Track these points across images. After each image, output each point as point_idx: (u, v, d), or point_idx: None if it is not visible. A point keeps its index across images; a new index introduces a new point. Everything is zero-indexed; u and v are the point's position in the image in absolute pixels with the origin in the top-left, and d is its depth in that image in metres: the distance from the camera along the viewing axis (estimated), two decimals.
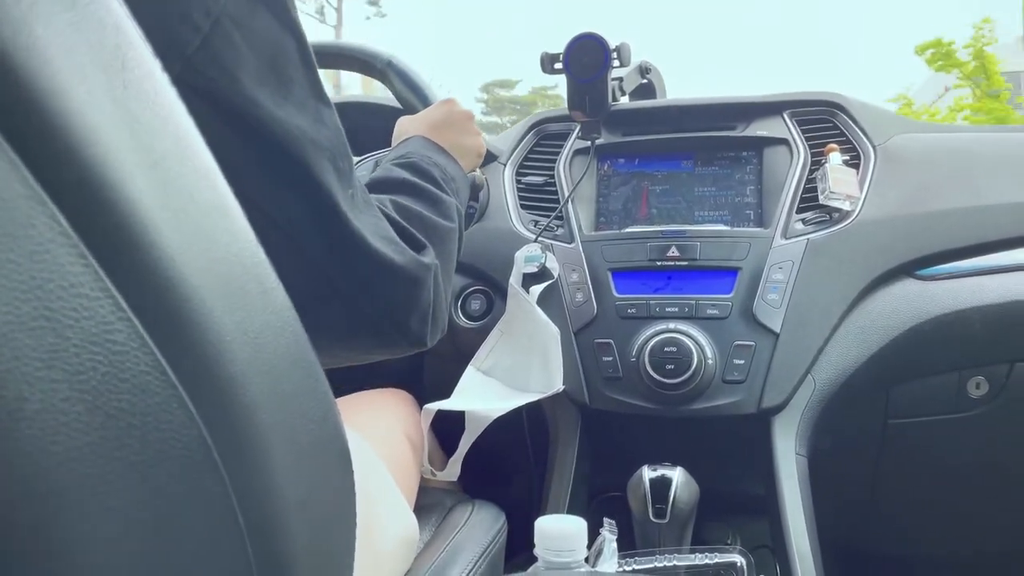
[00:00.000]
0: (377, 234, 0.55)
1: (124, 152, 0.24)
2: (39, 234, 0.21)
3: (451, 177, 0.73)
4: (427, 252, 0.60)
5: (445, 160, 0.75)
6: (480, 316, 1.12)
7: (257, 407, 0.29)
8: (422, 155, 0.72)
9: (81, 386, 0.22)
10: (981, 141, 1.11)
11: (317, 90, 0.52)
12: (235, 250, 0.30)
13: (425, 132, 0.78)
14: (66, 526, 0.23)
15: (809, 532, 0.90)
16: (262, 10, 0.47)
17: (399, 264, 0.56)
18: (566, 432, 1.03)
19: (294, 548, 0.32)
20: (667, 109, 1.20)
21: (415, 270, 0.57)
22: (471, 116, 0.85)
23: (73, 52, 0.23)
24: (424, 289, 0.58)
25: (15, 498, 0.21)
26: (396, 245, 0.57)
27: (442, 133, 0.79)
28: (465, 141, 0.82)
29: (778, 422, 0.96)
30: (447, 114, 0.82)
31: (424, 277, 0.58)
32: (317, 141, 0.50)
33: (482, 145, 0.86)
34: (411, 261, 0.57)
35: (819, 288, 0.98)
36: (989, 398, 1.06)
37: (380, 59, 1.00)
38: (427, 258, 0.59)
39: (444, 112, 0.83)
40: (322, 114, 0.52)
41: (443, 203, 0.67)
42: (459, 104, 0.85)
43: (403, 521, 0.74)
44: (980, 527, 1.19)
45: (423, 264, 0.58)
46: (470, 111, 0.85)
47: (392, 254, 0.55)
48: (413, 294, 0.58)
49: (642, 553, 0.84)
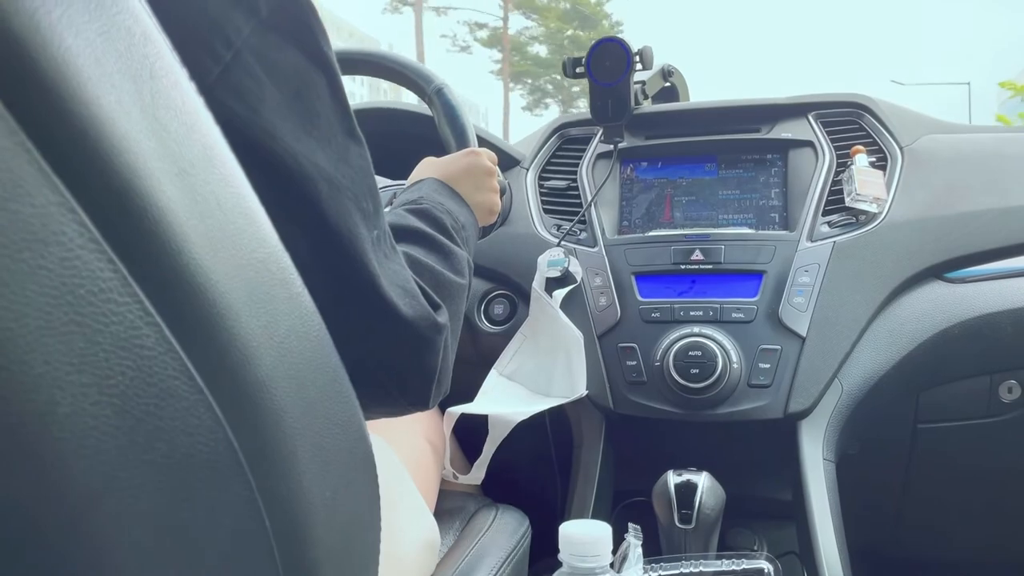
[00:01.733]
0: (395, 283, 0.52)
1: (152, 160, 0.25)
2: (69, 241, 0.22)
3: (462, 225, 0.71)
4: (442, 312, 0.57)
5: (458, 207, 0.73)
6: (503, 321, 1.12)
7: (283, 411, 0.29)
8: (435, 201, 0.70)
9: (110, 390, 0.23)
10: (1010, 142, 1.10)
11: (347, 127, 0.50)
12: (261, 256, 0.30)
13: (442, 178, 0.77)
14: (95, 528, 0.23)
15: (837, 538, 0.89)
16: (290, 45, 0.47)
17: (408, 318, 0.52)
18: (590, 437, 1.03)
19: (320, 552, 0.32)
20: (690, 112, 1.19)
21: (425, 328, 0.54)
22: (492, 172, 0.83)
23: (102, 61, 0.24)
24: (433, 350, 0.55)
25: (46, 500, 0.22)
26: (412, 298, 0.54)
27: (459, 183, 0.77)
28: (480, 197, 0.80)
29: (805, 427, 0.95)
30: (469, 166, 0.80)
31: (435, 339, 0.55)
32: (335, 179, 0.48)
33: (497, 204, 0.84)
34: (423, 317, 0.54)
35: (846, 291, 0.97)
36: (1022, 403, 1.04)
37: (432, 84, 1.00)
38: (442, 318, 0.56)
39: (467, 163, 0.81)
40: (349, 152, 0.50)
41: (454, 256, 0.65)
42: (484, 158, 0.82)
43: (424, 525, 0.75)
44: (1012, 533, 1.16)
45: (436, 324, 0.55)
46: (493, 168, 0.83)
47: (403, 306, 0.52)
48: (421, 353, 0.54)
49: (668, 559, 0.83)
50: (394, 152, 1.00)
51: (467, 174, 0.80)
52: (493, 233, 1.07)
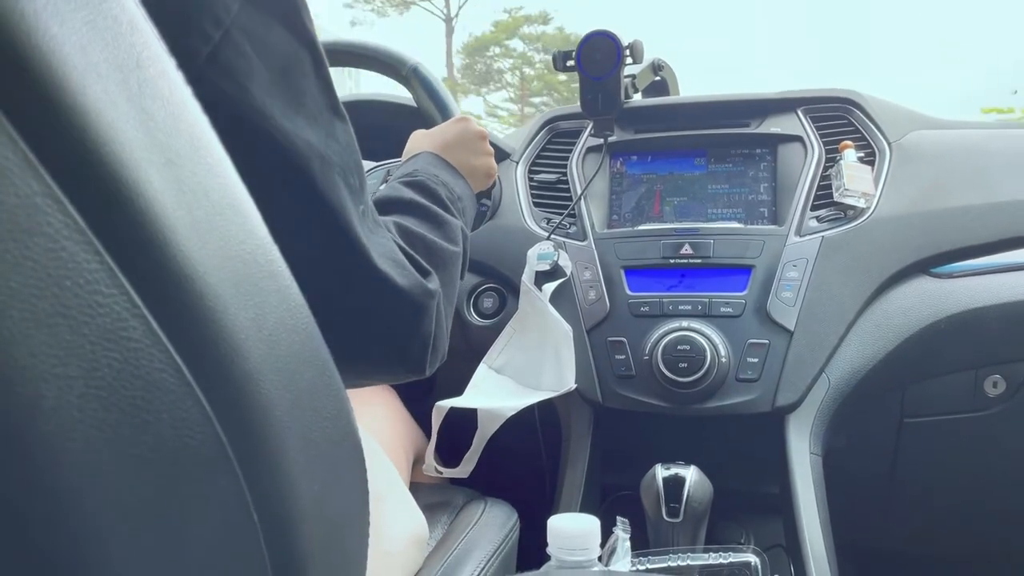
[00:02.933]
0: (384, 255, 0.54)
1: (139, 150, 0.24)
2: (55, 231, 0.21)
3: (458, 196, 0.72)
4: (432, 278, 0.59)
5: (453, 179, 0.74)
6: (492, 314, 1.12)
7: (271, 404, 0.29)
8: (430, 173, 0.71)
9: (96, 383, 0.22)
10: (997, 138, 1.10)
11: (332, 104, 0.51)
12: (249, 247, 0.30)
13: (436, 149, 0.77)
14: (81, 522, 0.23)
15: (824, 531, 0.89)
16: (276, 23, 0.47)
17: (403, 287, 0.54)
18: (579, 430, 1.03)
19: (309, 546, 0.32)
20: (680, 106, 1.19)
21: (419, 296, 0.56)
22: (484, 136, 0.84)
23: (89, 51, 0.23)
24: (427, 316, 0.57)
25: (31, 493, 0.21)
26: (402, 268, 0.55)
27: (453, 151, 0.78)
28: (476, 161, 0.81)
29: (792, 421, 0.95)
30: (460, 132, 0.81)
31: (428, 304, 0.57)
32: (326, 156, 0.49)
33: (493, 166, 0.85)
34: (416, 285, 0.56)
35: (834, 286, 0.98)
36: (1007, 396, 1.05)
37: (406, 64, 1.00)
38: (432, 284, 0.58)
39: (457, 130, 0.82)
40: (335, 128, 0.51)
41: (448, 225, 0.66)
42: (474, 123, 0.83)
43: (412, 519, 0.75)
44: (997, 526, 1.18)
45: (428, 290, 0.57)
46: (484, 131, 0.84)
47: (397, 277, 0.54)
48: (415, 320, 0.56)
49: (655, 552, 0.83)
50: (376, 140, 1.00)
51: (460, 141, 0.80)
52: (483, 226, 1.06)
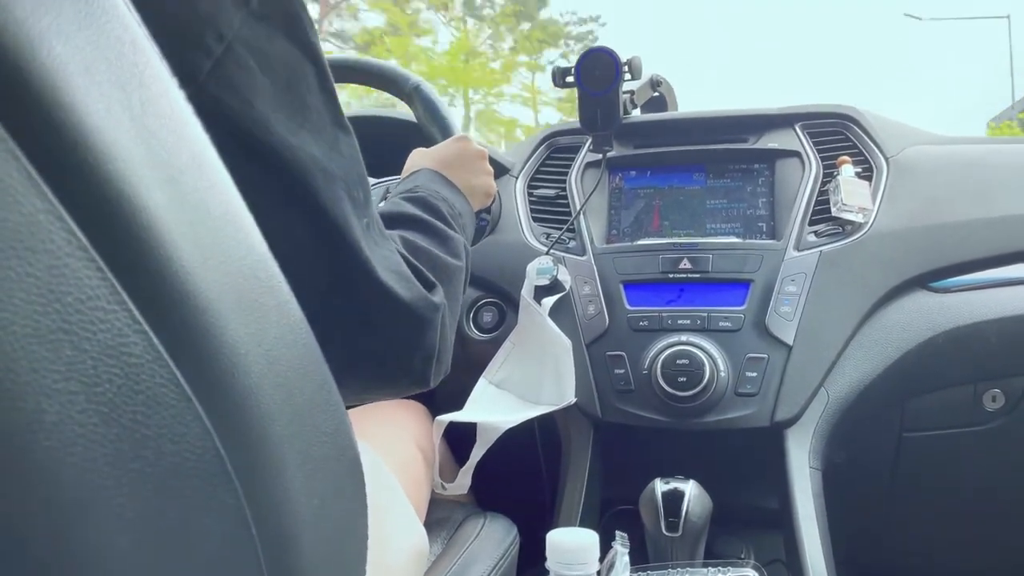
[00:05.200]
0: (388, 268, 0.54)
1: (141, 168, 0.25)
2: (57, 248, 0.22)
3: (459, 213, 0.72)
4: (437, 291, 0.58)
5: (453, 195, 0.74)
6: (492, 328, 1.12)
7: (271, 419, 0.29)
8: (431, 189, 0.71)
9: (97, 398, 0.23)
10: (994, 152, 1.11)
11: (335, 116, 0.51)
12: (249, 263, 0.30)
13: (436, 167, 0.78)
14: (82, 536, 0.23)
15: (823, 546, 0.89)
16: (279, 35, 0.46)
17: (407, 300, 0.54)
18: (578, 445, 1.03)
19: (307, 561, 0.32)
20: (679, 122, 1.20)
21: (423, 308, 0.56)
22: (484, 155, 0.84)
23: (92, 69, 0.24)
24: (431, 329, 0.57)
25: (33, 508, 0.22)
26: (407, 281, 0.55)
27: (453, 170, 0.78)
28: (475, 180, 0.81)
29: (791, 435, 0.95)
30: (460, 151, 0.82)
31: (432, 317, 0.57)
32: (329, 170, 0.49)
33: (492, 186, 0.85)
34: (420, 299, 0.55)
35: (832, 300, 0.98)
36: (1006, 411, 1.05)
37: (409, 82, 1.01)
38: (437, 297, 0.58)
39: (457, 149, 0.82)
40: (339, 141, 0.51)
41: (451, 240, 0.66)
42: (473, 142, 0.84)
43: (413, 534, 0.74)
44: (996, 542, 1.17)
45: (432, 303, 0.57)
46: (483, 150, 0.85)
47: (400, 289, 0.54)
48: (419, 333, 0.56)
49: (655, 567, 0.83)
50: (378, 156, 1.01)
51: (459, 159, 0.81)
52: (482, 241, 1.07)
